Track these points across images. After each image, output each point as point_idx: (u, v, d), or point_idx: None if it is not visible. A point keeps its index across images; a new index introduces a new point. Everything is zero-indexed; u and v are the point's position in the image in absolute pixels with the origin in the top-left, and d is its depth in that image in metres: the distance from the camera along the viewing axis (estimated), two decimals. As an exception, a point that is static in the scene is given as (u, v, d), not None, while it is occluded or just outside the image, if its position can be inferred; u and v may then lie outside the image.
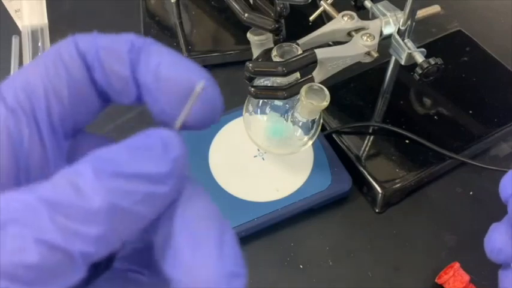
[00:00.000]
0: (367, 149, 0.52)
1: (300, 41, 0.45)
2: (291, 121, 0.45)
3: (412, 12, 0.46)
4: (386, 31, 0.47)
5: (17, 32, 0.65)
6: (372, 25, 0.47)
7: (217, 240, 0.15)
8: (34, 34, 0.65)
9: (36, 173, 0.17)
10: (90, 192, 0.14)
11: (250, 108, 0.47)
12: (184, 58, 0.18)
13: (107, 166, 0.14)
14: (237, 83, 0.56)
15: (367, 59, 0.46)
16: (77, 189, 0.14)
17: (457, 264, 0.45)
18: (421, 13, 0.49)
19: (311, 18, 0.51)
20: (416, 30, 0.48)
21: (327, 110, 0.44)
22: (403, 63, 0.47)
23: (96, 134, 0.20)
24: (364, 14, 0.49)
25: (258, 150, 0.51)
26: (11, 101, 0.17)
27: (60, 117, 0.17)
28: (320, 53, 0.43)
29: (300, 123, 0.45)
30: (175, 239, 0.15)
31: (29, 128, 0.17)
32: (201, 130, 0.18)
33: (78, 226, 0.13)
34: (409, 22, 0.46)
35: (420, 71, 0.45)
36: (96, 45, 0.18)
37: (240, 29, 0.56)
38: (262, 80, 0.45)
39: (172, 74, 0.17)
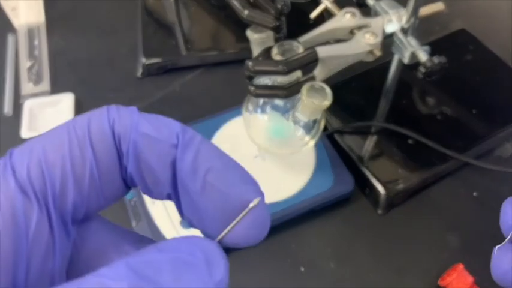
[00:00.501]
0: (369, 149, 0.52)
1: (301, 39, 0.44)
2: (292, 121, 0.45)
3: (415, 10, 0.45)
4: (389, 29, 0.46)
5: (13, 30, 0.65)
6: (374, 23, 0.46)
7: None
8: (31, 32, 0.64)
9: (37, 263, 0.15)
10: None
11: (251, 107, 0.46)
12: (234, 162, 0.16)
13: (145, 286, 0.12)
14: (237, 82, 0.55)
15: (370, 58, 0.45)
16: None
17: (460, 266, 0.44)
18: (424, 11, 0.48)
19: (312, 15, 0.50)
20: (419, 29, 0.47)
21: (328, 109, 0.43)
22: (406, 62, 0.46)
23: (101, 216, 0.17)
24: (366, 11, 0.48)
25: (259, 150, 0.50)
26: (22, 176, 0.15)
27: (74, 204, 0.15)
28: (321, 51, 0.42)
29: (301, 123, 0.44)
30: None
31: (38, 212, 0.15)
32: (240, 248, 0.16)
33: None
34: (412, 20, 0.45)
35: (424, 70, 0.44)
36: (135, 131, 0.15)
37: (239, 27, 0.56)
38: (262, 79, 0.44)
39: (222, 186, 0.15)
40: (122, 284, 0.12)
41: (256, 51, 0.46)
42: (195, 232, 0.16)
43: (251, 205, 0.15)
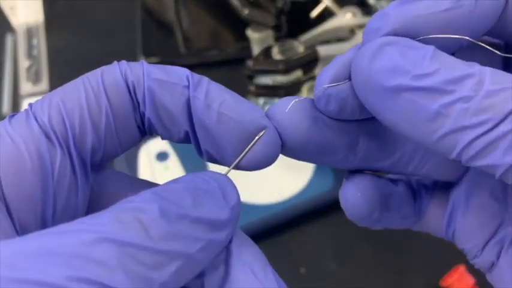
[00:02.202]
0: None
1: (302, 38, 0.44)
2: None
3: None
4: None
5: (12, 30, 0.64)
6: (375, 22, 0.46)
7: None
8: (29, 32, 0.64)
9: (62, 199, 0.16)
10: (158, 235, 0.13)
11: (250, 107, 0.46)
12: (239, 96, 0.17)
13: (173, 207, 0.14)
14: (237, 81, 0.54)
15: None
16: (145, 230, 0.13)
17: (462, 267, 0.44)
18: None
19: (313, 14, 0.50)
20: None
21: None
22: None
23: (112, 167, 0.18)
24: (367, 10, 0.48)
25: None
26: (44, 122, 0.16)
27: (92, 148, 0.16)
28: (322, 50, 0.42)
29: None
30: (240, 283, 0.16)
31: (61, 153, 0.16)
32: (251, 171, 0.18)
33: (147, 272, 0.13)
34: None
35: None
36: (148, 77, 0.17)
37: (239, 26, 0.55)
38: (263, 78, 0.44)
39: (236, 115, 0.17)
40: (154, 206, 0.13)
41: (256, 50, 0.46)
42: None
43: (261, 133, 0.17)
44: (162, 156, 0.49)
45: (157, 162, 0.49)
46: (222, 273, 0.15)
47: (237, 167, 0.18)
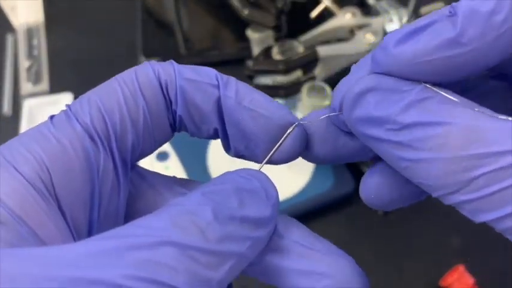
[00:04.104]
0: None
1: (301, 38, 0.44)
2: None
3: (416, 10, 0.45)
4: (390, 29, 0.46)
5: (12, 30, 0.64)
6: (375, 22, 0.46)
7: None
8: (29, 32, 0.64)
9: (106, 199, 0.17)
10: (214, 237, 0.14)
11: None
12: (266, 95, 0.18)
13: (223, 209, 0.15)
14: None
15: (370, 57, 0.45)
16: (202, 233, 0.14)
17: (461, 267, 0.44)
18: (424, 10, 0.48)
19: (313, 15, 0.50)
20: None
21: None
22: (407, 61, 0.46)
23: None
24: (366, 11, 0.48)
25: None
26: (86, 122, 0.16)
27: (132, 145, 0.17)
28: (322, 50, 0.42)
29: (302, 123, 0.44)
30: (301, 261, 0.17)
31: (104, 153, 0.16)
32: (279, 164, 0.19)
33: (206, 272, 0.13)
34: (413, 19, 0.45)
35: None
36: (180, 77, 0.17)
37: (239, 26, 0.56)
38: (263, 79, 0.44)
39: (266, 112, 0.18)
40: (207, 209, 0.14)
41: (256, 50, 0.46)
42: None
43: (291, 128, 0.18)
44: (162, 157, 0.49)
45: (157, 162, 0.49)
46: (278, 256, 0.17)
47: (268, 162, 0.18)
